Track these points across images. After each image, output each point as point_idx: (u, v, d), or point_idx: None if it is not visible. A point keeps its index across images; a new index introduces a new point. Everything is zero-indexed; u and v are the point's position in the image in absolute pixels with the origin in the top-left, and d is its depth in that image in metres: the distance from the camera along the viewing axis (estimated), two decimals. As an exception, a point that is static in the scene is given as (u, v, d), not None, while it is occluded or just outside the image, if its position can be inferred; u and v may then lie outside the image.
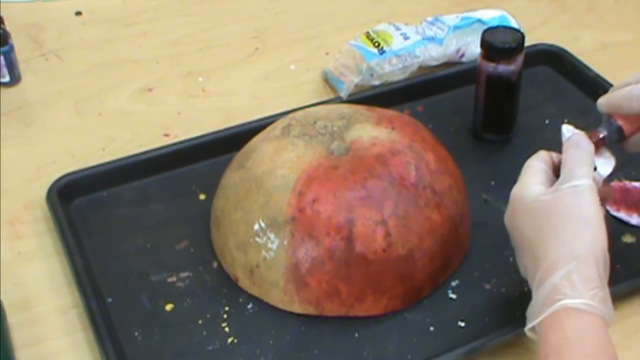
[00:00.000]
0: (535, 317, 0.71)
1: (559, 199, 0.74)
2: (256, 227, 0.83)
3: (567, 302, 0.69)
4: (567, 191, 0.74)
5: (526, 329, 0.73)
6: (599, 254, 0.71)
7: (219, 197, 0.91)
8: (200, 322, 0.83)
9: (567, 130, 0.80)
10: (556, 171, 0.78)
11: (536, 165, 0.78)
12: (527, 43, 1.01)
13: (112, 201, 0.97)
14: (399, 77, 1.11)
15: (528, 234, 0.75)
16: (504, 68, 0.99)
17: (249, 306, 0.85)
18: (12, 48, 1.14)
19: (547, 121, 1.06)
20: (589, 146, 0.78)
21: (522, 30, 1.05)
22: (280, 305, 0.84)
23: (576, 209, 0.73)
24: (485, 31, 1.00)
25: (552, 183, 0.77)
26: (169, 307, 0.85)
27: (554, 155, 0.80)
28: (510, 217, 0.78)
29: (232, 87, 1.16)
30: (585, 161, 0.76)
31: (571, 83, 1.11)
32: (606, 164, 0.81)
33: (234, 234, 0.86)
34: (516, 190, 0.78)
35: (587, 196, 0.73)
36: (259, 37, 1.25)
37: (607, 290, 0.71)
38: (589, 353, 0.68)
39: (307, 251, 0.81)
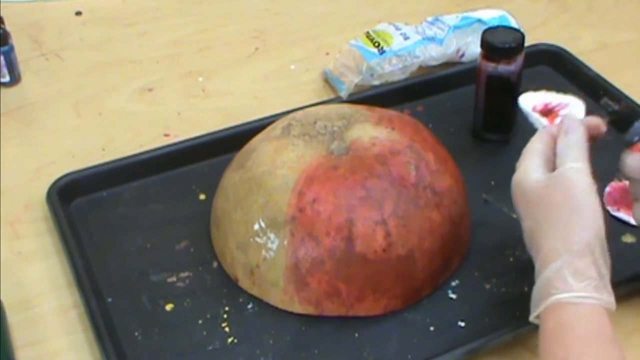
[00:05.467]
0: (534, 307, 0.72)
1: (550, 188, 0.73)
2: (256, 227, 0.83)
3: (559, 296, 0.70)
4: (556, 180, 0.73)
5: (530, 318, 0.73)
6: (593, 241, 0.70)
7: (219, 197, 0.90)
8: (200, 322, 0.83)
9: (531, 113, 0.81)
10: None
11: (535, 148, 0.76)
12: (527, 43, 1.01)
13: (112, 201, 0.97)
14: (399, 77, 1.11)
15: (527, 222, 0.75)
16: (504, 68, 0.99)
17: (249, 306, 0.85)
18: (12, 48, 1.14)
19: (547, 121, 1.06)
20: (579, 131, 0.75)
21: (522, 30, 1.05)
22: (280, 305, 0.84)
23: (566, 198, 0.71)
24: (485, 31, 1.00)
25: (553, 165, 0.75)
26: (169, 307, 0.85)
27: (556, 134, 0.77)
28: (514, 203, 0.77)
29: (232, 87, 1.16)
30: (575, 146, 0.74)
31: (571, 83, 1.11)
32: None
33: (234, 234, 0.86)
34: (516, 175, 0.76)
35: (577, 184, 0.72)
36: (259, 37, 1.25)
37: (605, 278, 0.70)
38: (581, 335, 0.68)
39: (307, 251, 0.81)
